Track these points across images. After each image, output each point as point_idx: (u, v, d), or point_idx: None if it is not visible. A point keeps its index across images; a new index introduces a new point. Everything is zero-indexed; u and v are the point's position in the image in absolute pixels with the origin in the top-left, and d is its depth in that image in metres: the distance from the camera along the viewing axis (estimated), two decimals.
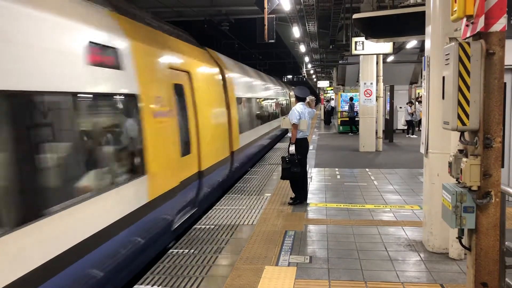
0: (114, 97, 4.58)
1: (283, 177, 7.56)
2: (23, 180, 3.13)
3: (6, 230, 2.91)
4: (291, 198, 7.58)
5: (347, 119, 21.47)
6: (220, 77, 9.37)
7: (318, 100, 59.80)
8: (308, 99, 7.82)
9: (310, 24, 15.75)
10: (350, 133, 21.03)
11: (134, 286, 4.38)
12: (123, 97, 4.72)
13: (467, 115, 3.15)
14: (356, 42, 11.93)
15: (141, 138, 4.88)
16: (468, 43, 3.13)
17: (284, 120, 7.80)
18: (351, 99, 21.16)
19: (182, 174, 6.07)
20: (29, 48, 3.29)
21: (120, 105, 4.76)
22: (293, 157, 7.36)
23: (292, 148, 7.39)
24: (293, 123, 7.40)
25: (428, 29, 5.14)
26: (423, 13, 5.35)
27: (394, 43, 12.47)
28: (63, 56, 3.69)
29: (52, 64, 3.53)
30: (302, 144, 7.51)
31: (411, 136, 19.12)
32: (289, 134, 7.65)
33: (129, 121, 4.82)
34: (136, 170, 4.77)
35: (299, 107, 7.54)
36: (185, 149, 6.38)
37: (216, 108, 8.69)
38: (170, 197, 5.53)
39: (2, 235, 2.86)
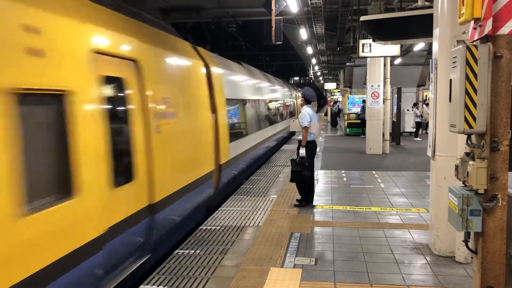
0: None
1: (292, 180, 7.48)
2: None
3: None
4: (297, 200, 7.58)
5: (359, 121, 20.95)
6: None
7: (324, 102, 59.51)
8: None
9: (318, 26, 15.77)
10: (362, 136, 19.64)
11: (140, 286, 4.40)
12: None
13: (474, 118, 3.14)
14: (363, 44, 11.92)
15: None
16: (476, 46, 3.12)
17: (293, 123, 7.67)
18: (364, 101, 20.91)
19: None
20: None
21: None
22: (304, 160, 7.30)
23: (303, 151, 7.29)
24: (304, 126, 7.31)
25: (436, 31, 5.13)
26: (431, 15, 5.34)
27: (401, 46, 12.42)
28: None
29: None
30: (311, 146, 7.46)
31: (415, 138, 19.02)
32: (297, 137, 7.61)
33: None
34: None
35: (309, 110, 7.43)
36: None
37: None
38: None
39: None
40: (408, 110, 20.14)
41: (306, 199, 7.50)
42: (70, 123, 3.48)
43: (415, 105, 19.64)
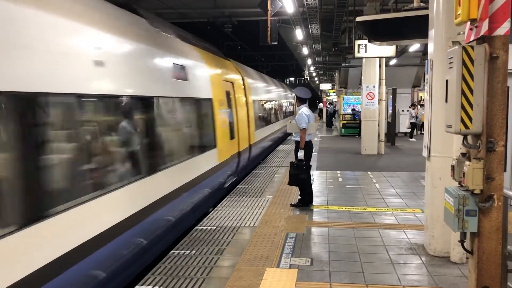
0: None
1: (290, 183, 7.44)
2: None
3: None
4: (294, 203, 7.57)
5: (354, 121, 20.96)
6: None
7: (319, 103, 59.78)
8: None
9: (313, 27, 15.78)
10: (357, 136, 19.33)
11: (135, 287, 4.38)
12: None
13: (470, 119, 3.15)
14: (359, 45, 11.95)
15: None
16: (472, 47, 3.13)
17: (290, 124, 7.55)
18: (354, 110, 21.18)
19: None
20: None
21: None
22: (301, 162, 7.24)
23: (301, 154, 7.24)
24: (303, 128, 7.21)
25: (431, 32, 5.14)
26: (426, 16, 5.35)
27: (397, 46, 12.47)
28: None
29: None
30: (308, 147, 7.43)
31: (409, 139, 19.09)
32: (292, 138, 7.59)
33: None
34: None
35: (306, 110, 7.36)
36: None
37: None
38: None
39: None
40: (403, 110, 20.22)
41: (303, 200, 7.48)
42: None
43: (413, 105, 19.72)
